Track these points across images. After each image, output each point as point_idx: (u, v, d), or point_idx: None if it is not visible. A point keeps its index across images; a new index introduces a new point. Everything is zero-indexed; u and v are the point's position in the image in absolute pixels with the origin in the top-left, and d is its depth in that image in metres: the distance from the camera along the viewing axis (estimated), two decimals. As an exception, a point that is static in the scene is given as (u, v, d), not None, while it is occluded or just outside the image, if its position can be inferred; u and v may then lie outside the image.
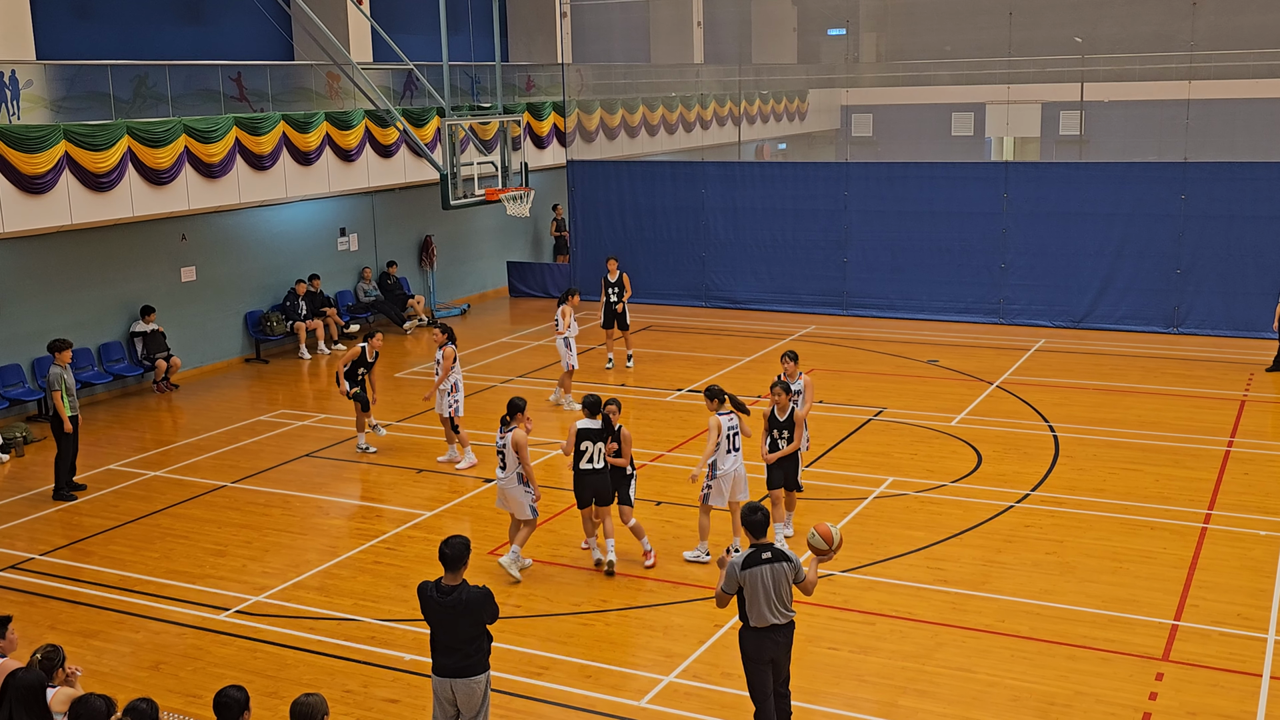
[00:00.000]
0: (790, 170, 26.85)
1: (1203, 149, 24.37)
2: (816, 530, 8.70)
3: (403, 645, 11.03)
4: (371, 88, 22.03)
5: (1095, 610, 11.40)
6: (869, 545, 13.09)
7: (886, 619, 11.37)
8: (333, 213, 24.77)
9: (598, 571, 12.58)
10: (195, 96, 20.28)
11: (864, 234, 25.36)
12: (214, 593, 12.40)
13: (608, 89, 30.87)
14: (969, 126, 41.98)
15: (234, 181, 19.94)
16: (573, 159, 28.17)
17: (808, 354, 22.10)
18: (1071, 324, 23.81)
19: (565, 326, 18.61)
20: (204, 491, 15.53)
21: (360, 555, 13.25)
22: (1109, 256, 23.43)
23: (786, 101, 39.71)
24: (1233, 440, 16.51)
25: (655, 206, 27.31)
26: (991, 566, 12.46)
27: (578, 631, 11.31)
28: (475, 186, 21.91)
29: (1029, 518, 13.84)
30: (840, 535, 8.74)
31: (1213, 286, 22.67)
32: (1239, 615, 11.24)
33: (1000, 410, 18.22)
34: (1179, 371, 20.35)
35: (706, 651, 10.81)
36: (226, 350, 22.54)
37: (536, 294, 28.87)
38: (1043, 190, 23.87)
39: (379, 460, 16.61)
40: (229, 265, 22.39)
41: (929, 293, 24.91)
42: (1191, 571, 12.23)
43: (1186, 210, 22.76)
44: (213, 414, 19.25)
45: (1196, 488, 14.65)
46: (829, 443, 16.76)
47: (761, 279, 26.45)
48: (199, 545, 13.72)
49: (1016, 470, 15.42)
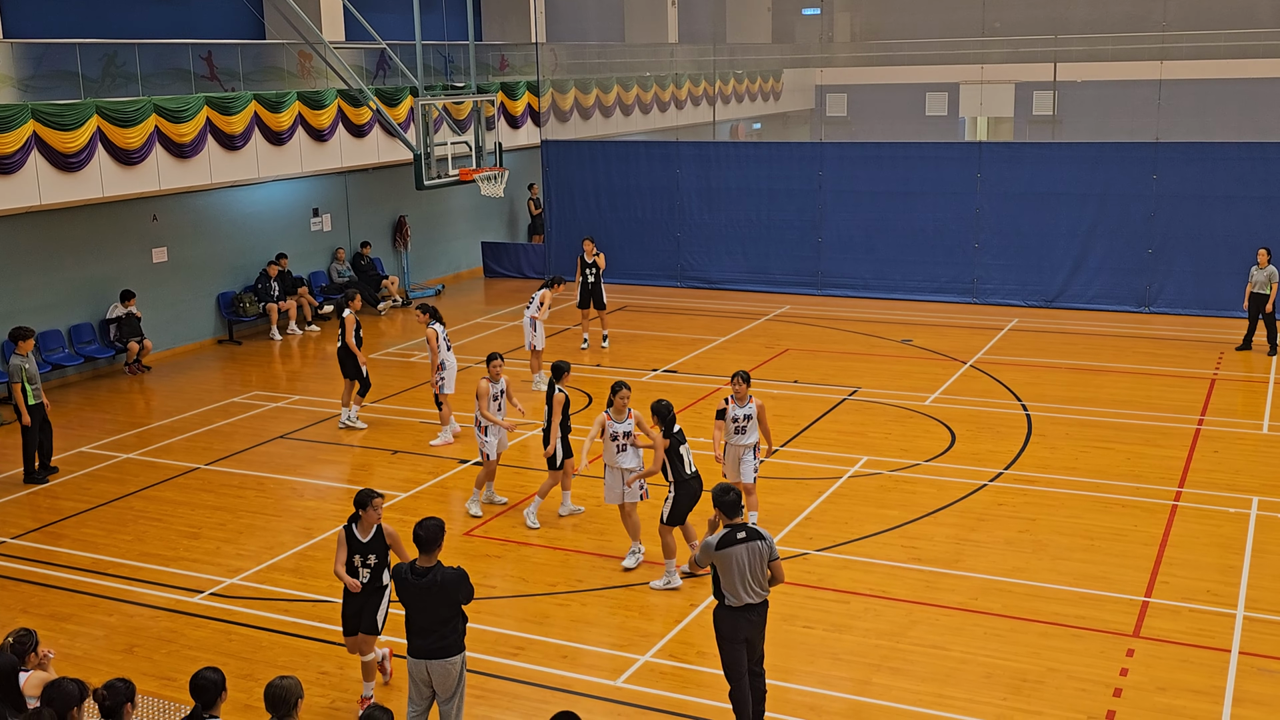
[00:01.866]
0: (765, 150, 26.85)
1: (1174, 129, 24.50)
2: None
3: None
4: (344, 67, 21.87)
5: (1067, 588, 11.50)
6: (843, 524, 13.15)
7: (861, 597, 11.43)
8: (305, 193, 24.61)
9: (573, 552, 12.59)
10: (165, 75, 20.08)
11: (838, 214, 25.40)
12: (188, 575, 12.35)
13: (582, 68, 30.75)
14: (943, 106, 42.07)
15: (205, 162, 19.78)
16: (547, 139, 28.07)
17: (782, 334, 22.16)
18: (1044, 303, 23.94)
19: (537, 309, 18.51)
20: (177, 474, 15.45)
21: (335, 538, 13.21)
22: (1081, 236, 23.54)
23: (761, 81, 39.67)
24: (1203, 419, 16.65)
25: (630, 187, 27.26)
26: (965, 545, 12.54)
27: (554, 612, 11.32)
28: (449, 167, 21.83)
29: (1002, 496, 13.93)
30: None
31: (1184, 266, 22.82)
32: (1208, 592, 11.36)
33: (973, 389, 18.31)
34: (1150, 350, 20.49)
35: (682, 631, 10.85)
36: (199, 331, 22.40)
37: (511, 274, 28.79)
38: (1016, 170, 23.96)
39: (354, 441, 16.55)
40: (201, 246, 22.23)
41: (903, 272, 24.98)
42: (1162, 549, 12.35)
43: (1158, 190, 22.88)
44: (185, 396, 19.14)
45: (1167, 465, 14.78)
46: (803, 423, 16.81)
47: (736, 259, 26.46)
48: (172, 528, 13.66)
49: (990, 449, 15.51)
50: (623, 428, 11.89)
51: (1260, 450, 15.33)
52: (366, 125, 22.96)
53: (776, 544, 12.28)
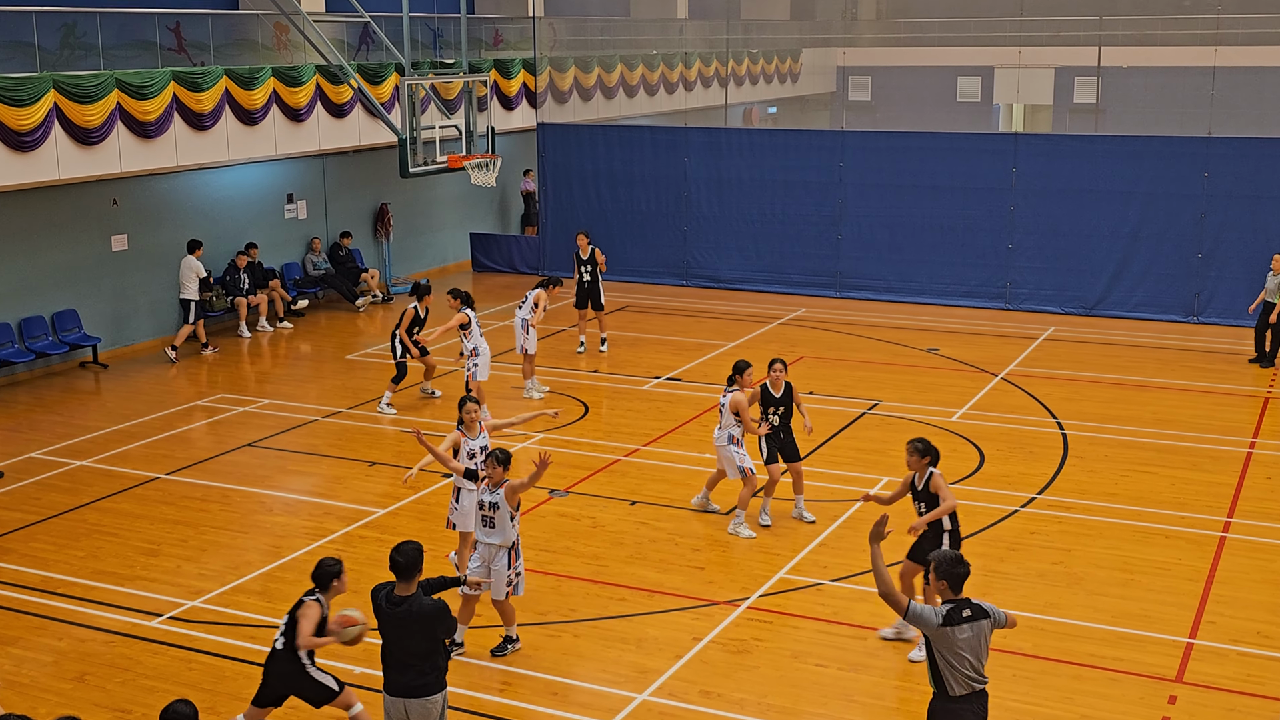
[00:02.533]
0: (781, 138, 26.86)
1: (1228, 122, 24.54)
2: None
3: (352, 657, 11.00)
4: (323, 41, 21.89)
5: (1104, 626, 11.50)
6: (861, 552, 13.13)
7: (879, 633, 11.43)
8: (280, 177, 24.62)
9: (566, 578, 12.60)
10: (129, 48, 20.09)
11: (860, 209, 25.40)
12: (145, 596, 12.35)
13: (583, 45, 30.78)
14: (975, 92, 42.14)
15: (171, 142, 19.78)
16: (544, 122, 28.08)
17: (798, 339, 22.18)
18: (1083, 311, 23.94)
19: (530, 311, 18.45)
20: (135, 484, 15.46)
21: (306, 557, 13.21)
22: (1125, 238, 23.55)
23: (778, 62, 39.68)
24: (1255, 441, 16.65)
25: (633, 175, 27.26)
26: (993, 577, 12.54)
27: (544, 644, 11.33)
28: (437, 152, 21.85)
29: (1034, 524, 13.93)
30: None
31: (1236, 273, 22.79)
32: (1258, 633, 11.36)
33: (1005, 405, 18.31)
34: (1198, 365, 20.50)
35: (683, 667, 10.85)
36: (161, 327, 22.40)
37: (502, 269, 28.81)
38: (1054, 165, 23.96)
39: (328, 451, 16.57)
40: (165, 234, 22.24)
41: (929, 274, 24.99)
42: (1208, 585, 12.35)
43: (1209, 189, 22.88)
44: (145, 397, 19.15)
45: (1215, 493, 14.77)
46: (819, 438, 16.81)
47: (748, 256, 26.46)
48: (129, 543, 13.66)
49: (1022, 471, 15.52)
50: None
51: (1317, 477, 15.34)
52: (347, 105, 22.97)
53: (834, 579, 12.37)
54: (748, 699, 10.34)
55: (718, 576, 12.65)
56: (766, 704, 10.26)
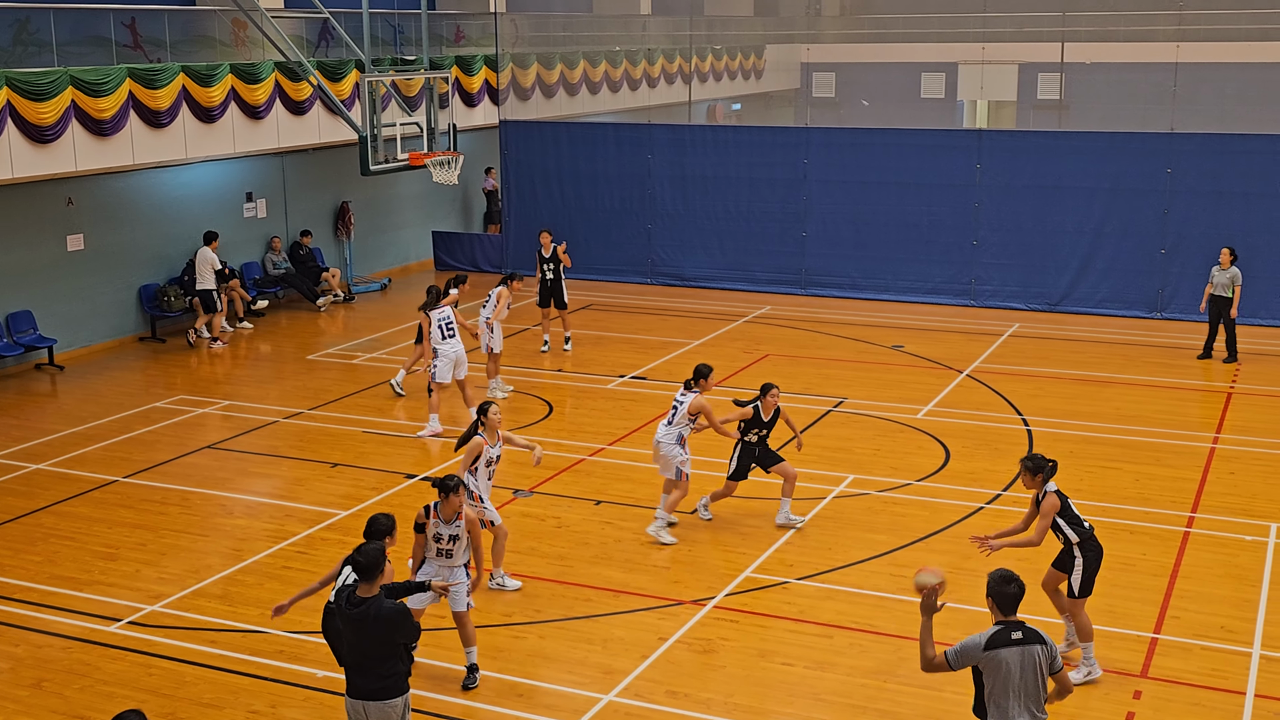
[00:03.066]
0: (745, 135, 26.94)
1: (1191, 118, 24.75)
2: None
3: (315, 660, 10.98)
4: (282, 37, 21.78)
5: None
6: (827, 550, 13.22)
7: (846, 631, 11.48)
8: (238, 176, 24.48)
9: (532, 578, 12.59)
10: (84, 44, 19.92)
11: (825, 206, 25.50)
12: (104, 601, 12.26)
13: (545, 41, 30.75)
14: (940, 88, 42.36)
15: (127, 140, 19.64)
16: (506, 119, 28.04)
17: (763, 336, 22.23)
18: (1048, 307, 24.12)
19: (493, 310, 18.41)
20: (93, 487, 15.34)
21: (268, 560, 13.16)
22: (1089, 234, 23.73)
23: (742, 58, 39.77)
24: (1218, 436, 16.82)
25: (596, 173, 27.27)
26: (959, 574, 12.61)
27: (509, 645, 11.32)
28: (398, 149, 21.79)
29: (1000, 520, 14.00)
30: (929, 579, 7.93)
31: (1199, 268, 22.94)
32: (1222, 628, 11.48)
33: (970, 401, 18.42)
34: (1162, 360, 20.69)
35: (650, 668, 10.87)
36: (118, 328, 22.24)
37: (465, 267, 28.73)
38: (1019, 161, 24.12)
39: (289, 453, 16.50)
40: (121, 233, 22.07)
41: (894, 271, 25.11)
42: (1172, 580, 12.47)
43: (1172, 185, 23.09)
44: (102, 399, 19.01)
45: (1179, 488, 14.92)
46: (783, 437, 16.84)
47: (712, 254, 26.51)
48: (87, 548, 13.56)
49: (987, 468, 15.62)
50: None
51: (1279, 472, 15.50)
52: (307, 102, 22.87)
53: (801, 578, 12.41)
54: (714, 699, 10.36)
55: (683, 576, 12.68)
56: (733, 703, 10.29)
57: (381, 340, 22.35)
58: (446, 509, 10.35)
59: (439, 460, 16.07)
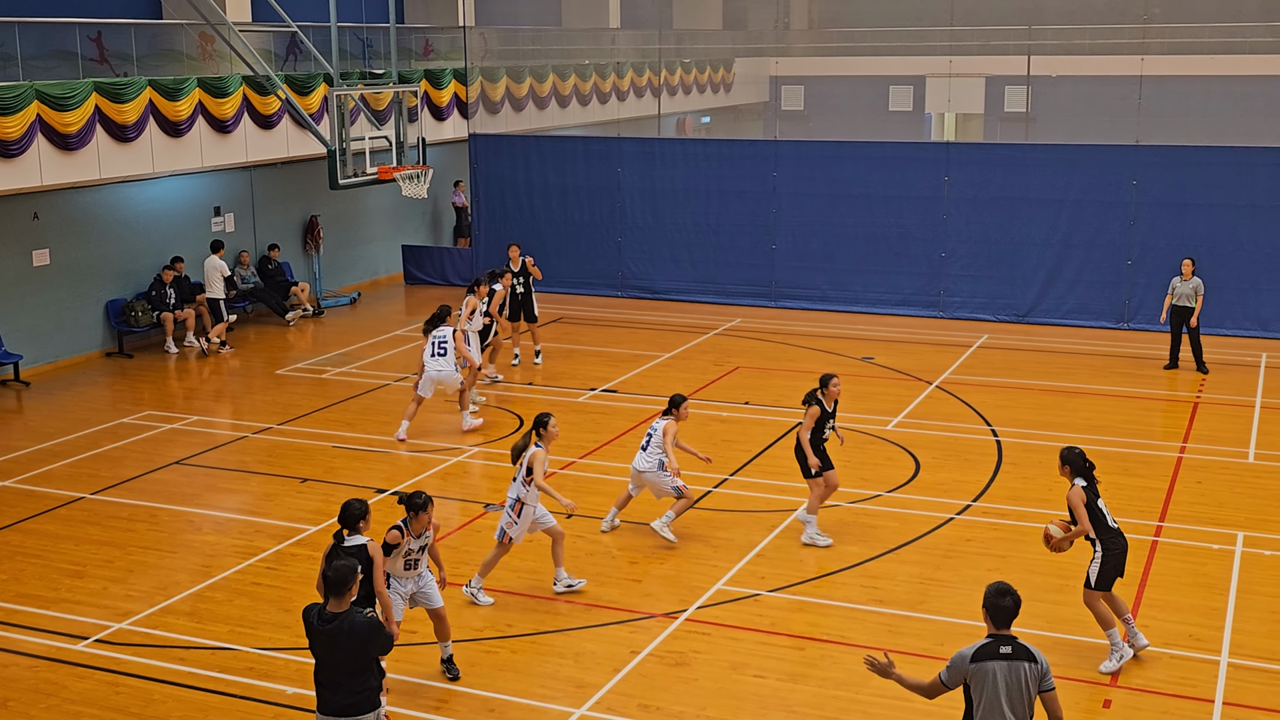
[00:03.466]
0: (714, 148, 26.99)
1: (1156, 131, 24.94)
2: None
3: (285, 677, 10.91)
4: (250, 51, 21.70)
5: (1040, 632, 11.62)
6: (799, 562, 13.23)
7: (817, 643, 11.50)
8: (206, 190, 24.37)
9: (502, 593, 12.55)
10: (49, 58, 19.82)
11: (794, 219, 25.59)
12: (70, 619, 12.15)
13: (514, 55, 30.74)
14: (907, 101, 42.51)
15: (93, 154, 19.53)
16: (475, 132, 28.03)
17: (733, 349, 22.26)
18: (1016, 318, 24.25)
19: (467, 320, 18.45)
20: (59, 504, 15.22)
21: (237, 576, 13.09)
22: (1056, 246, 23.90)
23: (711, 71, 39.86)
24: (1185, 446, 16.94)
25: (566, 186, 27.28)
26: (930, 585, 12.66)
27: (480, 659, 11.28)
28: (367, 163, 21.73)
29: (970, 530, 14.08)
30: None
31: (1165, 279, 23.02)
32: (1191, 636, 11.55)
33: (939, 412, 18.50)
34: (1129, 371, 20.82)
35: (621, 681, 10.85)
36: (84, 343, 22.08)
37: (435, 281, 28.68)
38: (986, 173, 24.28)
39: (258, 468, 16.41)
40: (88, 248, 21.94)
41: (864, 283, 25.21)
42: (1141, 589, 12.54)
43: (1138, 197, 23.28)
44: (69, 415, 18.86)
45: (1147, 497, 15.02)
46: (755, 449, 16.89)
47: (682, 267, 26.55)
48: (53, 565, 13.44)
49: (957, 479, 15.68)
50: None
51: (1245, 481, 15.63)
52: (275, 116, 22.80)
53: (772, 590, 12.40)
54: (686, 711, 10.35)
55: (655, 589, 12.67)
56: (705, 716, 10.28)
57: (351, 355, 22.28)
58: (417, 525, 10.37)
59: (408, 475, 16.02)
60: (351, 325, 24.80)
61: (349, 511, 9.90)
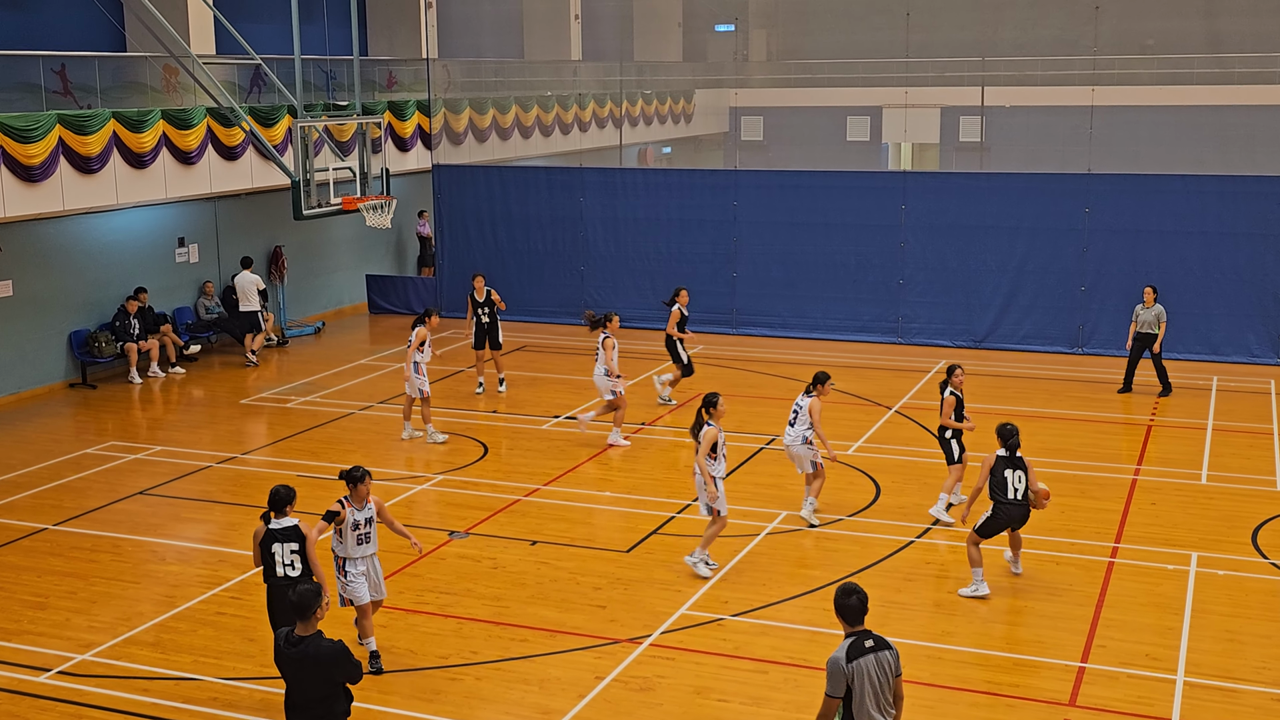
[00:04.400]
0: (675, 177, 27.07)
1: (1107, 159, 25.23)
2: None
3: (249, 707, 10.79)
4: (214, 83, 21.62)
5: (999, 653, 11.67)
6: (761, 586, 13.22)
7: (780, 666, 11.48)
8: (171, 221, 24.22)
9: (468, 620, 12.48)
10: (12, 90, 19.68)
11: (754, 247, 25.68)
12: (32, 651, 11.98)
13: (477, 87, 30.80)
14: (865, 131, 42.89)
15: (57, 186, 19.37)
16: (439, 163, 28.01)
17: (695, 375, 22.24)
18: (973, 344, 24.40)
19: (417, 351, 18.24)
20: (21, 535, 15.02)
21: (201, 606, 12.95)
22: (1011, 273, 24.08)
23: (671, 102, 40.07)
24: (1139, 468, 17.06)
25: (529, 215, 27.29)
26: (890, 607, 12.67)
27: (445, 687, 11.20)
28: (331, 194, 21.66)
29: (929, 554, 14.12)
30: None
31: (1118, 305, 23.40)
32: (1147, 655, 11.61)
33: (899, 437, 18.56)
34: (1084, 395, 20.97)
35: (586, 707, 10.78)
36: (47, 374, 21.86)
37: (399, 310, 28.59)
38: (942, 202, 24.45)
39: (222, 498, 16.26)
40: (51, 279, 21.74)
41: (823, 310, 25.30)
42: (1098, 610, 12.60)
43: (1091, 224, 23.51)
44: (32, 446, 18.64)
45: (1103, 519, 15.10)
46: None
47: (645, 295, 26.55)
48: (15, 597, 13.25)
49: (916, 503, 15.72)
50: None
51: (1198, 502, 15.75)
52: (239, 147, 22.70)
53: (735, 614, 12.40)
54: (651, 736, 10.31)
55: (619, 615, 12.62)
56: (670, 741, 10.24)
57: (315, 384, 22.15)
58: (357, 498, 11.18)
59: (374, 503, 15.90)
60: (315, 355, 24.67)
61: (277, 496, 10.65)
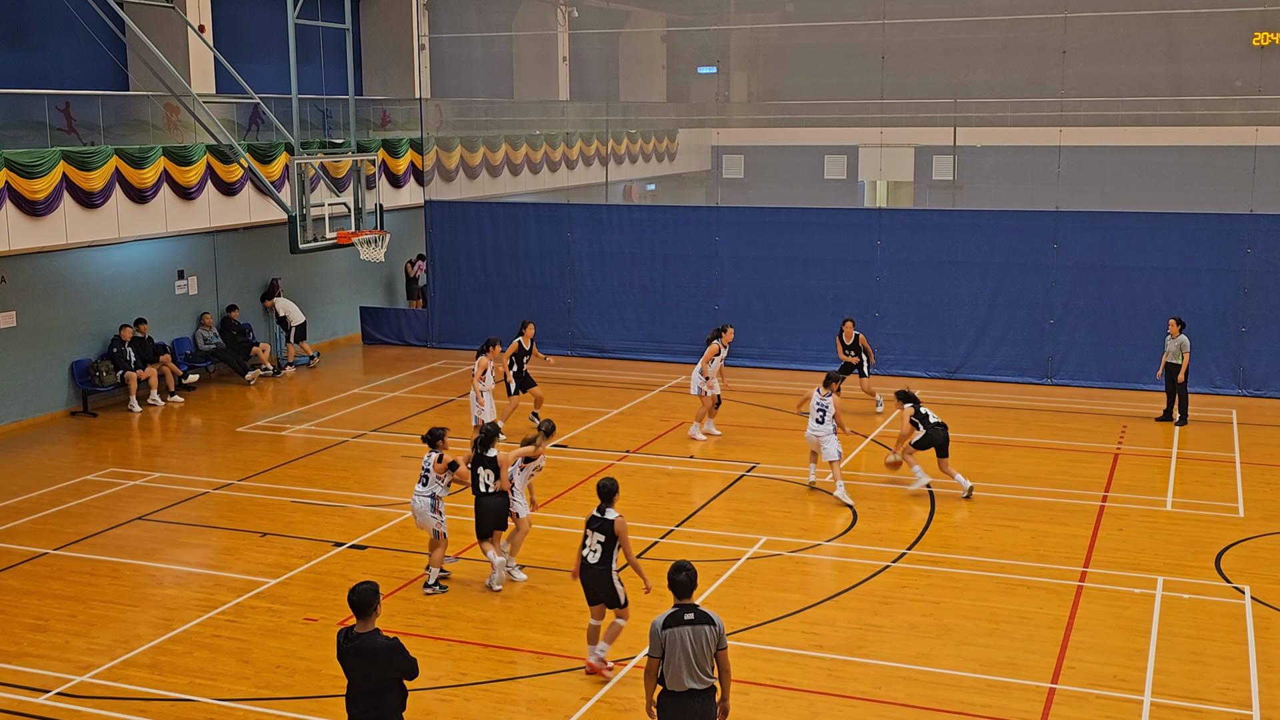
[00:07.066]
0: (659, 213, 27.14)
1: (1074, 197, 25.37)
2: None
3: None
4: (213, 121, 21.65)
5: (973, 674, 11.65)
6: (742, 610, 13.18)
7: (760, 688, 11.44)
8: (170, 254, 24.19)
9: (456, 642, 12.42)
10: (18, 127, 19.68)
11: (735, 281, 25.74)
12: (32, 673, 11.88)
13: (468, 125, 30.85)
14: (842, 169, 43.02)
15: (60, 220, 19.35)
16: (431, 199, 28.05)
17: (678, 405, 22.25)
18: (946, 374, 24.47)
19: (479, 378, 18.69)
20: (22, 560, 14.92)
21: (197, 629, 12.87)
22: (983, 306, 24.18)
23: (655, 141, 40.16)
24: (1107, 495, 17.10)
25: (518, 249, 27.32)
26: (868, 630, 12.66)
27: (435, 708, 11.14)
28: (326, 229, 21.67)
29: (905, 578, 14.11)
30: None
31: (1085, 337, 23.55)
32: (1115, 677, 11.60)
33: (875, 465, 18.57)
34: (1053, 424, 21.03)
35: (572, 727, 10.74)
36: (49, 403, 21.76)
37: (392, 341, 28.56)
38: (916, 237, 24.56)
39: (219, 523, 16.19)
40: (54, 310, 21.67)
41: (802, 342, 25.34)
42: (1068, 632, 12.60)
43: (1059, 260, 23.62)
44: (33, 473, 18.54)
45: (1072, 544, 15.12)
46: (698, 501, 16.87)
47: (630, 327, 26.60)
48: (16, 620, 13.16)
49: (892, 528, 15.73)
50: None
51: (1163, 528, 15.78)
52: (237, 183, 22.71)
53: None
54: (635, 756, 10.26)
55: (605, 637, 12.56)
56: (653, 760, 10.18)
57: (310, 412, 22.09)
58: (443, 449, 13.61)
59: (365, 528, 15.85)
60: (311, 384, 24.61)
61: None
